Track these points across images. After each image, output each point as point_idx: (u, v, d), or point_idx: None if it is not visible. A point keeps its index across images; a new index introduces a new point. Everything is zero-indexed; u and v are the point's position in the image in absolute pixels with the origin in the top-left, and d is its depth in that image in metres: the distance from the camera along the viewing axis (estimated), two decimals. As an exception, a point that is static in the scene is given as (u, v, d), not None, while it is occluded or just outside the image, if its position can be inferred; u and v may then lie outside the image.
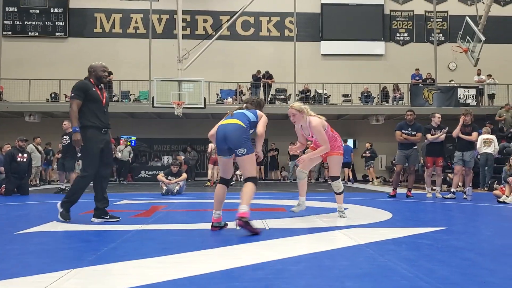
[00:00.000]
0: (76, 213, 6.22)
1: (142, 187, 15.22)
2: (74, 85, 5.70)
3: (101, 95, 5.76)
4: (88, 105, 5.60)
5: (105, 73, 5.84)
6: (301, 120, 5.80)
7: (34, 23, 22.95)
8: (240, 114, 4.87)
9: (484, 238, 4.61)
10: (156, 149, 22.81)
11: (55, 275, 2.90)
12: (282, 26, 23.61)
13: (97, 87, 5.74)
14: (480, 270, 3.07)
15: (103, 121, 5.72)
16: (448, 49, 21.11)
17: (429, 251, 3.73)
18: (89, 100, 5.59)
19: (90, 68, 5.80)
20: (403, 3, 24.16)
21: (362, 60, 23.51)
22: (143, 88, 20.64)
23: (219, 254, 3.63)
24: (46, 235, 4.70)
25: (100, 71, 5.77)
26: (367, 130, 21.52)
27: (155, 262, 3.34)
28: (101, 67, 5.80)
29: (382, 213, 6.65)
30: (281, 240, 4.24)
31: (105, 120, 5.75)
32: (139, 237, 4.53)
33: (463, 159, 9.79)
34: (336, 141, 5.91)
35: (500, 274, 2.94)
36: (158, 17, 23.02)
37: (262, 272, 3.02)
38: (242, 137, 4.66)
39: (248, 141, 4.71)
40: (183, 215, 6.78)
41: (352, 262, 3.33)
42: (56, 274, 2.92)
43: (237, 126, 4.70)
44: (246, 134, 4.72)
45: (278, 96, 21.20)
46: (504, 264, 3.27)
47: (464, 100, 20.00)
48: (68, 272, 2.97)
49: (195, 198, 10.04)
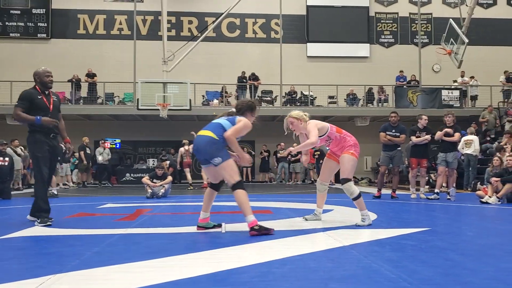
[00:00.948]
0: (60, 217, 6.15)
1: (127, 190, 15.11)
2: (20, 95, 5.76)
3: (48, 101, 5.81)
4: (34, 113, 5.66)
5: (49, 78, 5.87)
6: (301, 128, 5.55)
7: (15, 24, 22.62)
8: (215, 124, 4.85)
9: (467, 238, 4.65)
10: (141, 151, 22.65)
11: (36, 281, 2.86)
12: (268, 28, 23.63)
13: (43, 94, 5.81)
14: (462, 271, 3.09)
15: (49, 128, 5.76)
16: (432, 51, 21.34)
17: (413, 252, 3.76)
18: (35, 109, 5.67)
19: (35, 75, 5.88)
20: (388, 6, 24.33)
21: (347, 62, 23.61)
22: (128, 90, 20.49)
23: (204, 258, 3.62)
24: (27, 240, 4.64)
25: (44, 77, 5.82)
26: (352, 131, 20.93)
27: (139, 266, 3.31)
28: (44, 72, 5.88)
29: (367, 214, 6.66)
30: (266, 242, 4.24)
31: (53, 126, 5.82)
32: (123, 241, 4.49)
33: (446, 160, 9.88)
34: (346, 141, 5.58)
35: (482, 275, 2.97)
36: (142, 18, 22.88)
37: (247, 275, 3.02)
38: (212, 149, 4.69)
39: (220, 150, 4.71)
40: (168, 219, 6.75)
41: (337, 264, 3.34)
42: (38, 280, 2.88)
43: (207, 138, 4.72)
44: (218, 145, 4.70)
45: (264, 97, 21.20)
46: (486, 264, 3.30)
47: (448, 102, 20.20)
48: (50, 278, 2.93)
49: (181, 201, 10.00)
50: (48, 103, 5.79)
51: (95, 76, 20.58)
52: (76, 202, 10.02)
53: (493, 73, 21.95)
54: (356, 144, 5.64)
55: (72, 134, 19.89)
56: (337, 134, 5.60)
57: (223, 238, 4.52)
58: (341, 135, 5.62)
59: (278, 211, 7.31)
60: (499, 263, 3.32)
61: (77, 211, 7.70)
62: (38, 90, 5.79)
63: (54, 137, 5.87)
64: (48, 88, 5.89)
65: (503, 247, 3.99)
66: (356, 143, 5.65)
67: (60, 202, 9.74)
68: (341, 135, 5.62)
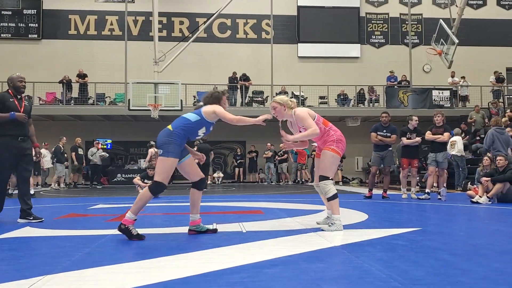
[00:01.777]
0: (50, 218, 6.11)
1: (118, 191, 15.05)
2: None
3: (19, 105, 6.13)
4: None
5: (22, 83, 6.18)
6: (284, 115, 5.13)
7: (6, 25, 22.50)
8: (178, 118, 4.73)
9: (458, 238, 4.67)
10: (133, 152, 22.59)
11: (27, 282, 2.84)
12: (259, 28, 23.64)
13: (15, 98, 6.14)
14: (453, 270, 3.10)
15: (20, 130, 6.06)
16: (422, 52, 21.44)
17: (404, 252, 3.77)
18: (6, 111, 5.97)
19: (8, 80, 6.19)
20: (379, 6, 24.44)
21: (338, 62, 23.68)
22: (119, 90, 20.42)
23: (194, 258, 3.61)
24: (17, 241, 4.60)
25: (17, 82, 6.13)
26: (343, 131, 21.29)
27: (130, 267, 3.30)
28: (17, 78, 6.16)
29: (358, 214, 6.69)
30: (258, 243, 4.24)
31: (22, 129, 6.08)
32: (114, 242, 4.46)
33: (436, 160, 9.94)
34: (329, 136, 5.15)
35: (473, 274, 2.98)
36: (133, 19, 22.82)
37: (238, 275, 3.01)
38: (162, 140, 4.56)
39: (167, 144, 4.50)
40: (159, 219, 6.73)
41: (328, 264, 3.34)
42: (27, 281, 2.86)
43: (165, 130, 4.62)
44: (169, 137, 4.52)
45: (255, 98, 21.22)
46: (477, 264, 3.32)
47: (438, 102, 20.33)
48: (40, 279, 2.91)
49: (172, 201, 9.97)
50: (20, 106, 6.10)
51: (86, 77, 20.48)
52: (67, 203, 9.96)
53: (483, 73, 22.11)
54: (340, 140, 5.17)
55: (63, 134, 19.86)
56: (323, 126, 5.17)
57: (214, 239, 4.51)
58: (326, 127, 5.21)
59: (269, 212, 7.31)
60: (490, 263, 3.34)
61: (68, 211, 7.66)
62: (11, 94, 6.13)
63: (22, 140, 6.10)
64: (21, 93, 6.23)
65: (494, 247, 4.01)
66: (341, 138, 5.20)
67: (51, 203, 9.68)
68: (325, 128, 5.19)
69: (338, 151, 5.13)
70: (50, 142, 18.51)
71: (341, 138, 5.23)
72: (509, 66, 24.03)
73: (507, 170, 8.88)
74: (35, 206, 6.50)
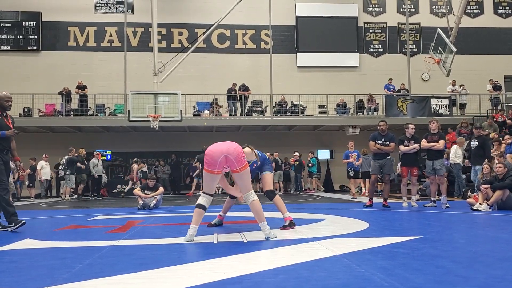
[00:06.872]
0: (51, 229, 6.10)
1: (118, 202, 15.02)
2: None
3: (7, 122, 6.55)
4: None
5: (9, 103, 6.63)
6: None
7: (6, 37, 22.58)
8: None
9: (459, 246, 4.67)
10: (132, 163, 22.54)
11: (28, 294, 2.84)
12: (258, 38, 23.73)
13: (2, 115, 6.54)
14: (454, 278, 3.10)
15: (4, 144, 6.45)
16: (421, 60, 21.51)
17: (405, 260, 3.77)
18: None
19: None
20: (377, 15, 24.57)
21: (337, 71, 23.75)
22: (119, 101, 20.45)
23: (197, 269, 3.60)
24: (18, 253, 4.60)
25: (4, 101, 6.56)
26: (343, 140, 21.59)
27: (131, 278, 3.30)
28: (5, 97, 6.57)
29: (359, 223, 6.69)
30: (259, 252, 4.24)
31: (6, 143, 6.48)
32: (115, 253, 4.46)
33: (434, 167, 9.96)
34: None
35: (473, 282, 2.98)
36: (133, 30, 22.90)
37: (240, 285, 3.01)
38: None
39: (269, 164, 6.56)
40: (160, 230, 6.72)
41: (330, 273, 3.34)
42: (29, 293, 2.86)
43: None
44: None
45: (255, 108, 21.26)
46: (477, 271, 3.32)
47: (437, 110, 20.35)
48: (42, 291, 2.91)
49: (172, 212, 9.96)
50: (8, 123, 6.53)
51: (86, 88, 20.52)
52: (67, 214, 9.95)
53: (481, 81, 22.20)
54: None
55: (63, 146, 19.76)
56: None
57: (216, 249, 4.51)
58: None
59: (269, 221, 7.26)
60: (491, 270, 3.34)
61: (68, 223, 7.65)
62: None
63: (6, 153, 6.48)
64: (6, 111, 6.65)
65: (495, 254, 4.01)
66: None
67: (51, 215, 9.66)
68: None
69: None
70: (50, 153, 18.52)
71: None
72: (506, 74, 24.13)
73: (507, 177, 8.89)
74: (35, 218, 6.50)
